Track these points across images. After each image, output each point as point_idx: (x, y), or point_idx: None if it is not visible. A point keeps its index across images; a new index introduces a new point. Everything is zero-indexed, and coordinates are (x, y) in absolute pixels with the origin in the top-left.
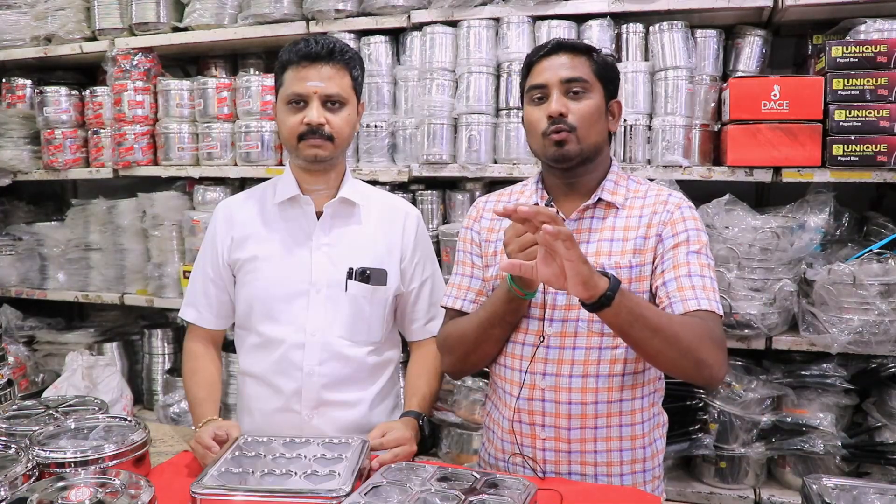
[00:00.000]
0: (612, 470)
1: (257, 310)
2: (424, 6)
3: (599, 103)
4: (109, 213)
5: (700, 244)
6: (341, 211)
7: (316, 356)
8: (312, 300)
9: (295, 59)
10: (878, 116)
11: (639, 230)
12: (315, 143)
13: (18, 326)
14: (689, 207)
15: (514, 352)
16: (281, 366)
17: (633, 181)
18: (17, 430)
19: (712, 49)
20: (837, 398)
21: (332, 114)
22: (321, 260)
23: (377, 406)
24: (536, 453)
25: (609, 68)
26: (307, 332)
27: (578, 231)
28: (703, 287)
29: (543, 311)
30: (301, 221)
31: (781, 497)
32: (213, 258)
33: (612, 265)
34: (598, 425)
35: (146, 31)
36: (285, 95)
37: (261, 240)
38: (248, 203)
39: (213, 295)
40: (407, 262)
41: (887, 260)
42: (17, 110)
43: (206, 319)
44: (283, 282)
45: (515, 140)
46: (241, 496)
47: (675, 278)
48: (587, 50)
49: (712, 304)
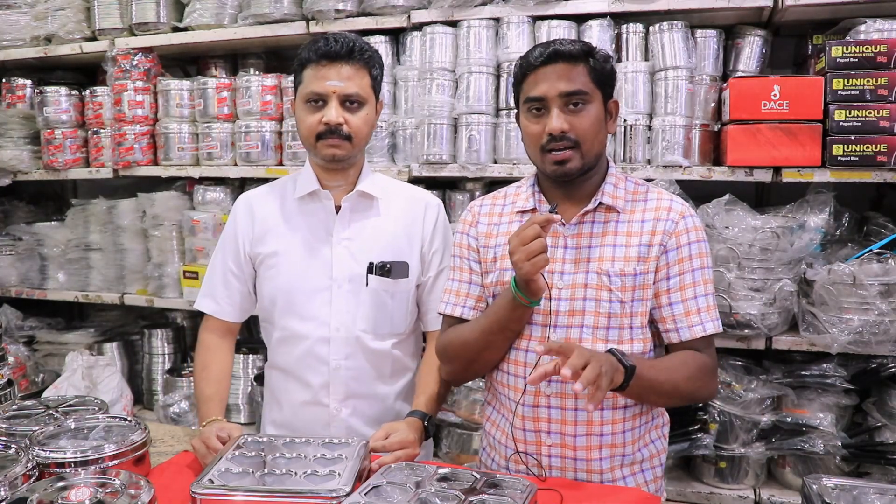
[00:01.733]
0: (616, 474)
1: (280, 305)
2: (424, 6)
3: (599, 111)
4: (109, 213)
5: (702, 258)
6: (360, 205)
7: (342, 351)
8: (335, 295)
9: (314, 57)
10: (878, 116)
11: (642, 236)
12: (333, 142)
13: (18, 326)
14: (692, 216)
15: (517, 358)
16: (307, 360)
17: (631, 182)
18: (17, 430)
19: (712, 49)
20: (837, 398)
21: (351, 113)
22: (342, 255)
23: (404, 400)
24: (542, 459)
25: (606, 70)
26: (331, 327)
27: (579, 236)
28: (708, 307)
29: (548, 318)
30: (321, 216)
31: (781, 497)
32: (235, 251)
33: (617, 272)
34: (603, 432)
35: (146, 31)
36: (304, 94)
37: (281, 235)
38: (269, 198)
39: (234, 287)
40: (426, 250)
41: (887, 260)
42: (17, 110)
43: (225, 311)
44: (304, 277)
45: (515, 140)
46: (241, 496)
47: (682, 301)
48: (584, 55)
49: (715, 324)
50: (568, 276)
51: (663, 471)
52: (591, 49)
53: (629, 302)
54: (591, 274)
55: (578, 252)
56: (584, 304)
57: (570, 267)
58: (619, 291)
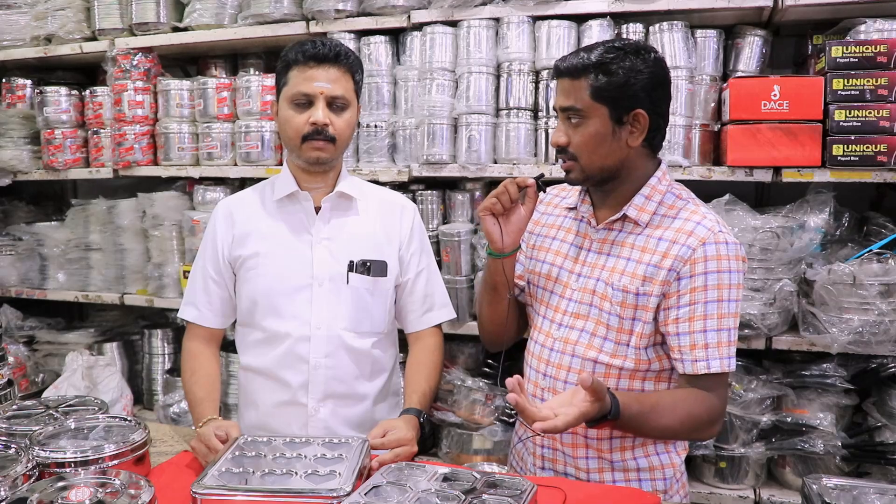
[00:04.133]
0: (605, 477)
1: (261, 306)
2: (424, 6)
3: (600, 127)
4: (109, 213)
5: (721, 289)
6: (339, 205)
7: (322, 349)
8: (315, 294)
9: (302, 59)
10: (878, 116)
11: (654, 255)
12: (318, 145)
13: (18, 326)
14: (718, 244)
15: (531, 349)
16: (287, 360)
17: (671, 194)
18: (17, 430)
19: (712, 49)
20: (837, 398)
21: (336, 115)
22: (322, 254)
23: (381, 402)
24: (536, 449)
25: (614, 84)
26: (312, 325)
27: (603, 241)
28: (718, 343)
29: (556, 315)
30: (300, 217)
31: (781, 497)
32: (214, 256)
33: (621, 287)
34: (588, 434)
35: (146, 31)
36: (291, 95)
37: (261, 236)
38: (248, 201)
39: (214, 293)
40: (403, 251)
41: (887, 260)
42: (17, 110)
43: (207, 318)
44: (285, 277)
45: (515, 140)
46: (241, 496)
47: (689, 333)
48: (585, 70)
49: (723, 362)
50: (583, 280)
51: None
52: (599, 62)
53: (628, 319)
54: (600, 282)
55: (598, 258)
56: (589, 309)
57: (587, 270)
58: (618, 306)
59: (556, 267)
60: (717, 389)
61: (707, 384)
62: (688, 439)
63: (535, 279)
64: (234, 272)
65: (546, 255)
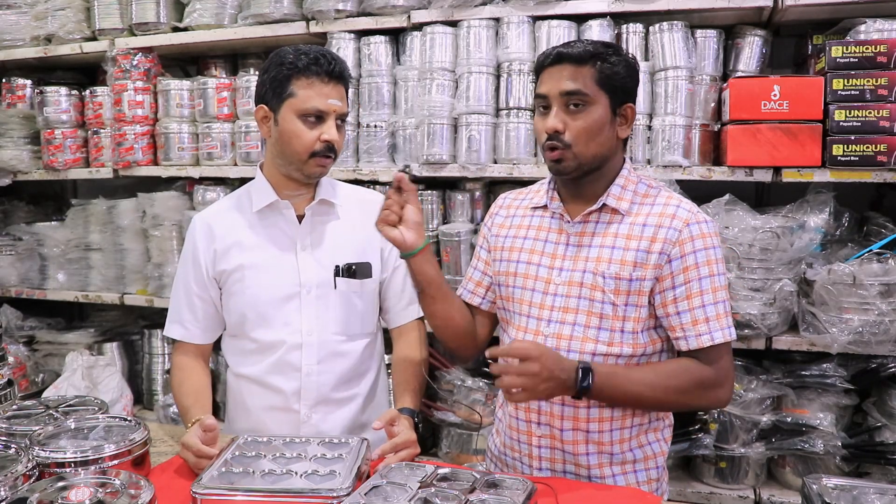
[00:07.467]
0: (605, 471)
1: (251, 318)
2: (424, 6)
3: (602, 115)
4: (109, 213)
5: (711, 265)
6: (321, 211)
7: (314, 356)
8: (304, 302)
9: (315, 72)
10: (878, 116)
11: (641, 241)
12: (323, 162)
13: (18, 326)
14: (700, 223)
15: None
16: (278, 367)
17: (643, 184)
18: (17, 430)
19: (712, 49)
20: (837, 398)
21: (338, 131)
22: (308, 261)
23: (370, 402)
24: (532, 450)
25: (617, 75)
26: (303, 333)
27: (581, 234)
28: (717, 315)
29: (542, 312)
30: (282, 226)
31: (781, 497)
32: (197, 273)
33: (612, 275)
34: (590, 429)
35: (146, 31)
36: (303, 109)
37: (245, 249)
38: (226, 214)
39: (199, 309)
40: (384, 248)
41: (887, 260)
42: (17, 110)
43: (194, 335)
44: (272, 287)
45: (515, 140)
46: (241, 496)
47: (689, 310)
48: (592, 57)
49: (724, 332)
50: (566, 273)
51: (660, 472)
52: (601, 52)
53: (622, 306)
54: (587, 273)
55: (579, 250)
56: (579, 302)
57: (569, 264)
58: (612, 294)
59: (533, 265)
60: (720, 360)
61: (712, 356)
62: (687, 409)
63: (510, 280)
64: (220, 287)
65: (520, 254)
